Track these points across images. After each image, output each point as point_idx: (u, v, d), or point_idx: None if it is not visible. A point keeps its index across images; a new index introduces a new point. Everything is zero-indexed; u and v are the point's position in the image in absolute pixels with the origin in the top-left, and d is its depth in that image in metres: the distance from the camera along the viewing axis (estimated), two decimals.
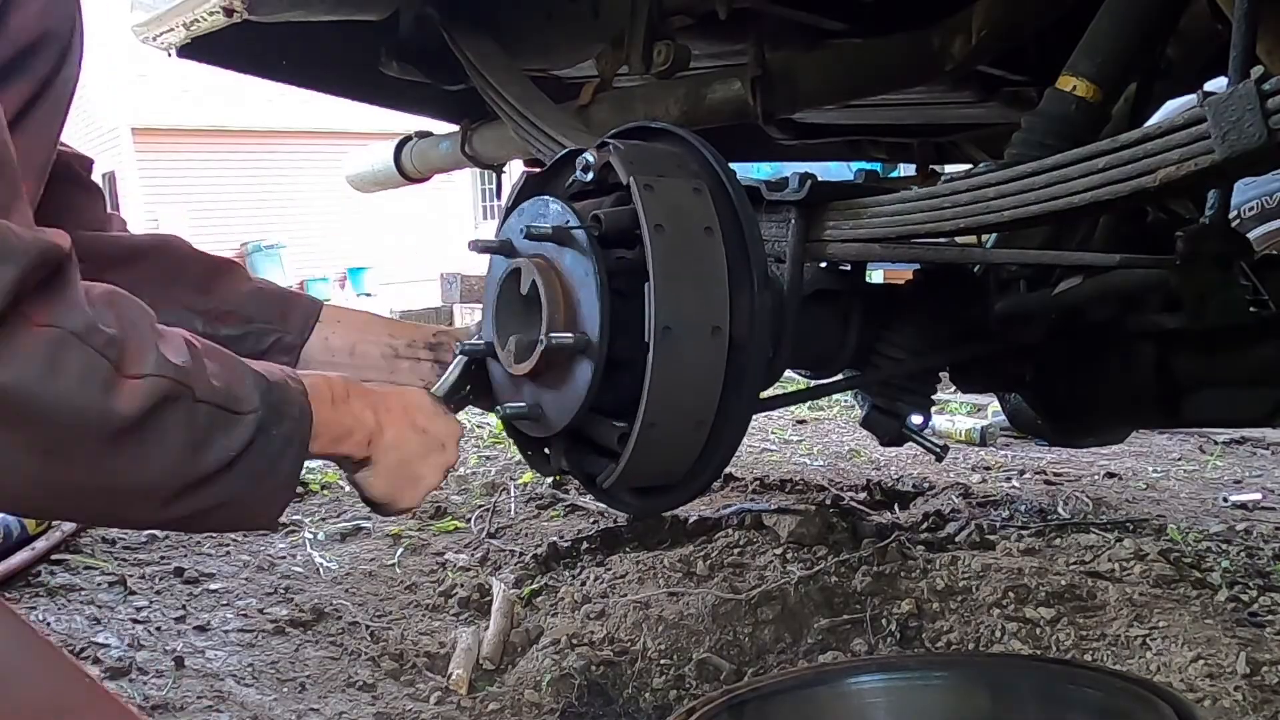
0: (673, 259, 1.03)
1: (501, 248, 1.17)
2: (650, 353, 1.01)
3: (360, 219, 16.44)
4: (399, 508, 1.02)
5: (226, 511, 0.80)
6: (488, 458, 3.17)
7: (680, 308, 1.03)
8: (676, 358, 1.03)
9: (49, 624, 1.71)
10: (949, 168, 2.72)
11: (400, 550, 2.26)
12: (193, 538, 2.21)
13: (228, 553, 2.20)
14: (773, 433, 3.85)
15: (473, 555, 2.26)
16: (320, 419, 0.88)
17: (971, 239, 1.34)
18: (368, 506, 1.03)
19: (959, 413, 4.16)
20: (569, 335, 1.04)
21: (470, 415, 3.98)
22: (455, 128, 2.48)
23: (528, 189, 1.23)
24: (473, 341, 1.17)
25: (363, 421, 0.95)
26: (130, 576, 1.97)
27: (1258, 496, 2.83)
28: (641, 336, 1.02)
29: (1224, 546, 2.26)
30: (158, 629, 1.77)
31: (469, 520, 2.48)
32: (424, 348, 1.26)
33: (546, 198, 1.14)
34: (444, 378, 1.16)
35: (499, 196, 2.54)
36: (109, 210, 1.12)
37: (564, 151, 1.23)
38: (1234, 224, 2.16)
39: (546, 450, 1.22)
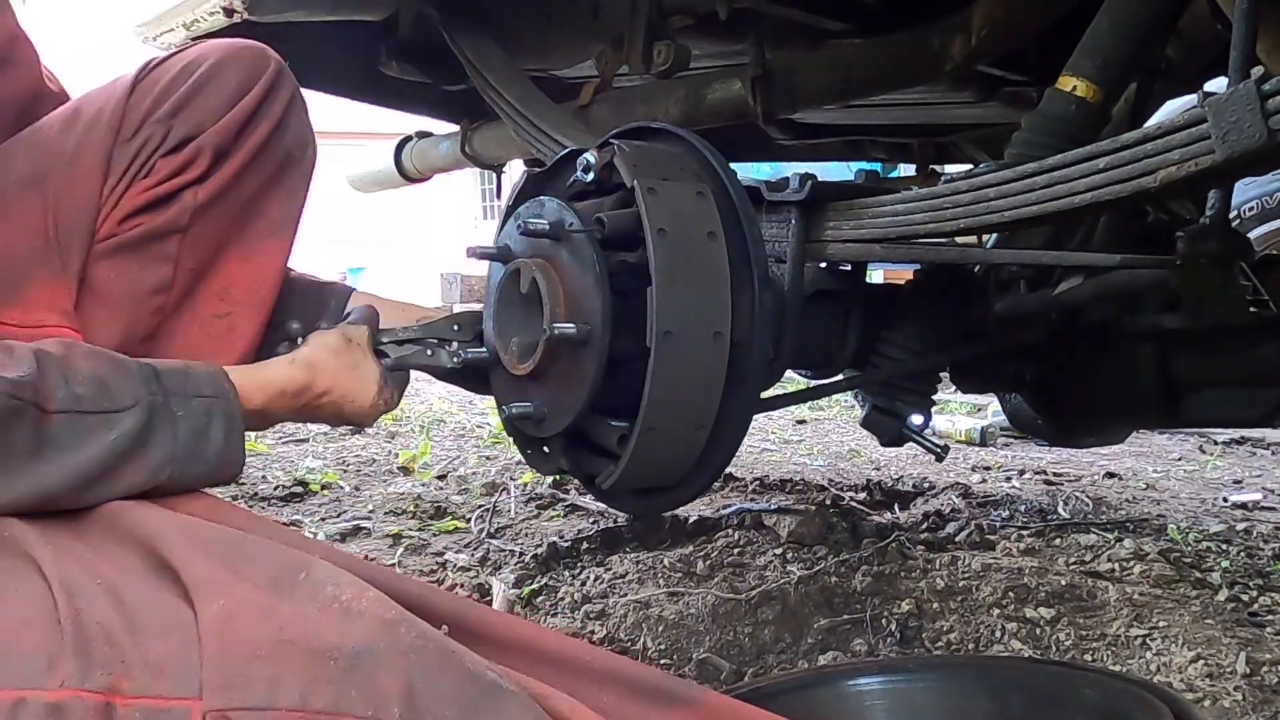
0: (675, 263, 1.03)
1: (500, 254, 1.17)
2: (651, 356, 1.01)
3: (360, 219, 16.43)
4: (376, 414, 1.08)
5: (174, 482, 0.84)
6: (488, 458, 3.17)
7: (681, 312, 1.03)
8: (677, 362, 1.03)
9: None
10: (949, 168, 2.72)
11: (400, 550, 2.26)
12: None
13: None
14: (773, 433, 3.85)
15: (473, 555, 2.26)
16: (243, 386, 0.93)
17: (971, 239, 1.34)
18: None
19: (959, 413, 4.17)
20: (571, 325, 1.04)
21: (470, 415, 3.98)
22: (455, 128, 2.48)
23: (529, 188, 1.23)
24: (475, 349, 1.16)
25: (293, 376, 1.00)
26: None
27: (1258, 496, 2.83)
28: (642, 336, 1.02)
29: (1224, 546, 2.26)
30: None
31: (469, 520, 2.47)
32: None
33: (542, 198, 1.14)
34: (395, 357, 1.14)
35: (499, 196, 2.54)
36: None
37: (564, 152, 1.23)
38: (1234, 224, 2.16)
39: (546, 449, 1.22)
